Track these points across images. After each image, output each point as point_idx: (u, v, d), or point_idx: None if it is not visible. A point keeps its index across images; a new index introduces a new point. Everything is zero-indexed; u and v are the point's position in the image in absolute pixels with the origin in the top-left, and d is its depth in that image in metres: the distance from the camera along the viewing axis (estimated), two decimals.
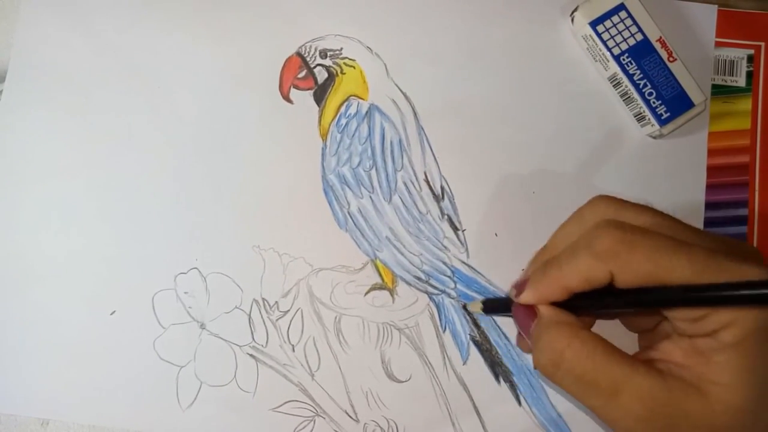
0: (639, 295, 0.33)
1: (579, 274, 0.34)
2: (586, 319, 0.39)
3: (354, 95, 0.49)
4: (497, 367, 0.47)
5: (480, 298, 0.45)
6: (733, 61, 0.50)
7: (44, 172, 0.48)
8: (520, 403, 0.46)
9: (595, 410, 0.34)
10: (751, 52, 0.51)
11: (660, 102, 0.47)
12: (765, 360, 0.32)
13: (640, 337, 0.40)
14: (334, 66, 0.49)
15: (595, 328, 0.36)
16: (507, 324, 0.47)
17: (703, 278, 0.31)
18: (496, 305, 0.41)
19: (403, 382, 0.46)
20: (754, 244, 0.49)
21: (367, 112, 0.49)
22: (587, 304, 0.35)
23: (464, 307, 0.47)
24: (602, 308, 0.36)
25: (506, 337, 0.47)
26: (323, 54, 0.49)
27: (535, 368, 0.36)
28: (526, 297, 0.36)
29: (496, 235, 0.48)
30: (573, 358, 0.34)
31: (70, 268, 0.47)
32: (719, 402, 0.32)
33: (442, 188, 0.48)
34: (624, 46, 0.48)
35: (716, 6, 0.51)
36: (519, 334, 0.39)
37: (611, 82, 0.49)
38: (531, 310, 0.36)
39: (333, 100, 0.49)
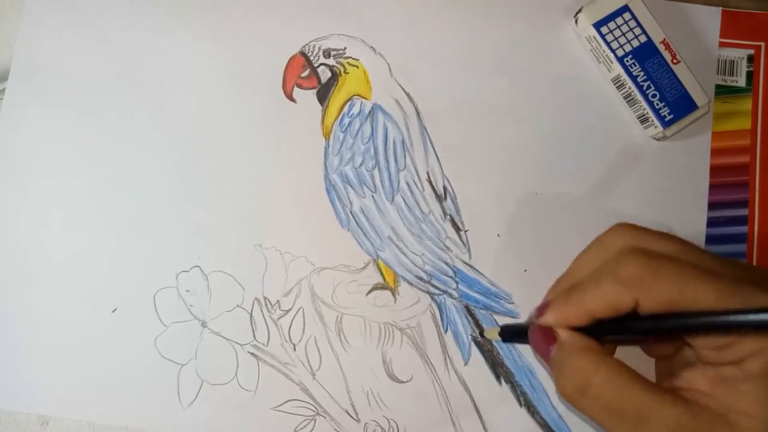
0: (664, 320, 0.33)
1: (604, 300, 0.34)
2: (608, 346, 0.38)
3: (357, 95, 0.49)
4: (498, 368, 0.46)
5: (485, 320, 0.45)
6: (734, 61, 0.50)
7: (46, 170, 0.48)
8: (521, 404, 0.46)
9: None
10: (752, 52, 0.51)
11: (663, 104, 0.47)
12: None
13: (658, 364, 0.39)
14: (337, 65, 0.49)
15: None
16: None
17: (730, 306, 0.31)
18: (514, 331, 0.41)
19: (404, 382, 0.46)
20: (754, 244, 0.49)
21: (370, 111, 0.49)
22: (610, 330, 0.35)
23: (481, 334, 0.47)
24: (625, 334, 0.35)
25: None
26: (327, 53, 0.49)
27: (558, 394, 0.35)
28: (547, 319, 0.36)
29: (498, 235, 0.48)
30: (600, 386, 0.33)
31: (71, 265, 0.47)
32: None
33: (445, 188, 0.48)
34: (628, 48, 0.48)
35: (720, 8, 0.50)
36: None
37: (615, 84, 0.49)
38: (550, 334, 0.36)
39: (336, 99, 0.49)
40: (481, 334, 0.47)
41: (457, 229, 0.48)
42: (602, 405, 0.34)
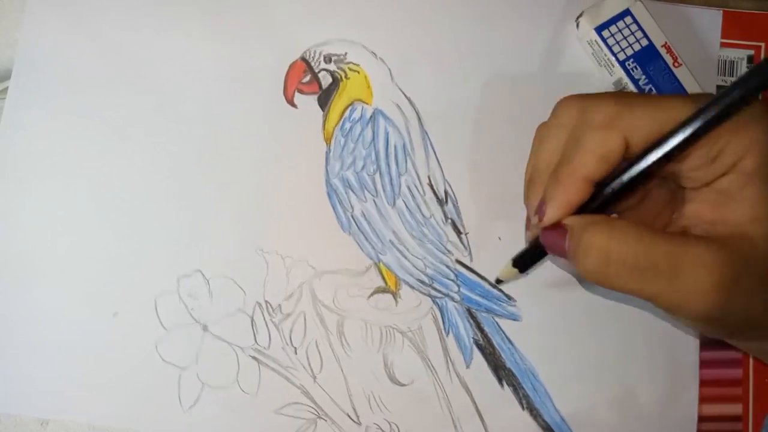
0: (661, 145, 0.32)
1: (593, 153, 0.33)
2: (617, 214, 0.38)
3: (358, 99, 0.49)
4: (500, 371, 0.46)
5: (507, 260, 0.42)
6: (733, 61, 0.50)
7: (47, 172, 0.48)
8: (523, 407, 0.46)
9: (660, 299, 0.32)
10: (751, 52, 0.51)
11: None
12: None
13: (657, 223, 0.38)
14: (338, 70, 0.49)
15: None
16: (511, 327, 0.47)
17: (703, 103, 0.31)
18: (527, 257, 0.40)
19: (405, 385, 0.46)
20: None
21: (371, 116, 0.49)
22: (616, 192, 0.34)
23: (497, 280, 0.45)
24: (631, 185, 0.34)
25: (510, 341, 0.46)
26: (328, 59, 0.50)
27: (584, 278, 0.33)
28: (551, 214, 0.35)
29: (499, 238, 0.48)
30: (621, 248, 0.32)
31: (72, 268, 0.47)
32: (765, 238, 0.31)
33: (446, 192, 0.48)
34: (629, 52, 0.48)
35: (721, 10, 0.50)
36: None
37: (616, 88, 0.49)
38: (561, 230, 0.34)
39: (337, 104, 0.49)
40: (498, 281, 0.46)
41: (459, 233, 0.48)
42: (630, 268, 0.32)
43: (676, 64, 0.48)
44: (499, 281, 0.46)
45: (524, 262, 0.40)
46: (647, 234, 0.32)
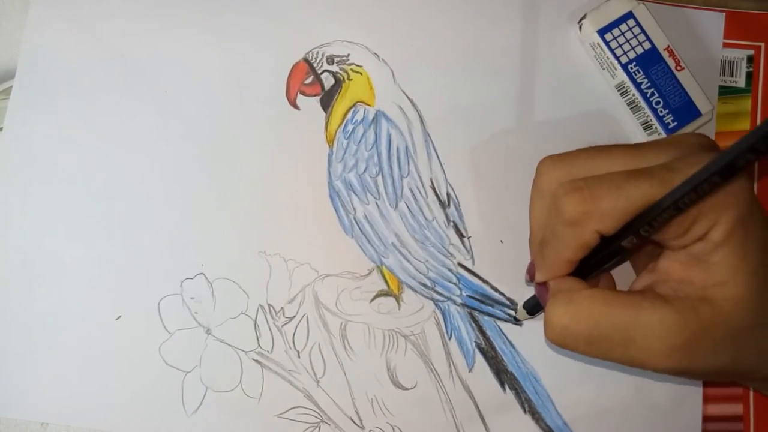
0: (629, 228, 0.34)
1: (569, 247, 0.36)
2: (604, 274, 0.41)
3: (361, 101, 0.49)
4: (503, 375, 0.46)
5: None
6: (733, 61, 0.50)
7: (50, 176, 0.48)
8: (525, 411, 0.46)
9: (619, 362, 0.35)
10: (751, 52, 0.51)
11: (667, 111, 0.47)
12: (754, 243, 0.33)
13: (639, 275, 0.40)
14: (341, 72, 0.49)
15: None
16: (512, 331, 0.47)
17: (669, 188, 0.32)
18: (535, 302, 0.43)
19: (408, 389, 0.46)
20: None
21: (373, 118, 0.49)
22: (594, 264, 0.37)
23: (515, 319, 0.47)
24: (608, 260, 0.37)
25: (512, 345, 0.47)
26: (330, 60, 0.49)
27: (548, 343, 0.37)
28: (538, 277, 0.38)
29: (501, 242, 0.48)
30: (574, 322, 0.35)
31: (75, 272, 0.47)
32: (726, 300, 0.33)
33: (448, 195, 0.48)
34: (632, 55, 0.48)
35: (723, 12, 0.50)
36: None
37: (618, 90, 0.49)
38: (545, 288, 0.38)
39: (340, 106, 0.49)
40: (516, 319, 0.47)
41: (461, 236, 0.48)
42: (584, 339, 0.35)
43: (678, 68, 0.48)
44: (516, 320, 0.47)
45: (531, 307, 0.44)
46: (600, 306, 0.35)
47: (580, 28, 0.49)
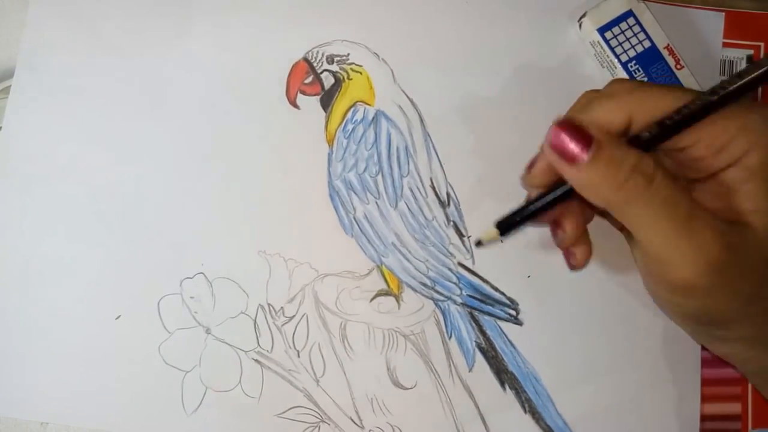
0: (667, 121, 0.34)
1: (598, 120, 0.35)
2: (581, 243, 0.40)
3: (360, 101, 0.49)
4: (503, 374, 0.46)
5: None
6: (733, 61, 0.50)
7: (49, 175, 0.48)
8: (525, 411, 0.46)
9: (669, 236, 0.34)
10: (751, 52, 0.51)
11: None
12: None
13: None
14: (341, 71, 0.49)
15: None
16: (512, 330, 0.47)
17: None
18: (512, 219, 0.39)
19: (408, 388, 0.46)
20: None
21: (373, 117, 0.49)
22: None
23: (478, 242, 0.40)
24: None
25: (512, 344, 0.47)
26: (330, 59, 0.49)
27: (600, 196, 0.34)
28: (569, 115, 0.37)
29: (501, 241, 0.48)
30: (663, 179, 0.33)
31: (75, 271, 0.47)
32: (764, 227, 0.33)
33: (448, 194, 0.48)
34: (632, 53, 0.48)
35: (723, 12, 0.50)
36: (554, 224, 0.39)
37: None
38: (582, 135, 0.34)
39: (339, 105, 0.49)
40: (478, 244, 0.40)
41: (461, 235, 0.48)
42: (662, 198, 0.33)
43: (678, 67, 0.48)
44: (479, 243, 0.40)
45: (508, 224, 0.39)
46: (679, 185, 0.34)
47: (580, 26, 0.49)
